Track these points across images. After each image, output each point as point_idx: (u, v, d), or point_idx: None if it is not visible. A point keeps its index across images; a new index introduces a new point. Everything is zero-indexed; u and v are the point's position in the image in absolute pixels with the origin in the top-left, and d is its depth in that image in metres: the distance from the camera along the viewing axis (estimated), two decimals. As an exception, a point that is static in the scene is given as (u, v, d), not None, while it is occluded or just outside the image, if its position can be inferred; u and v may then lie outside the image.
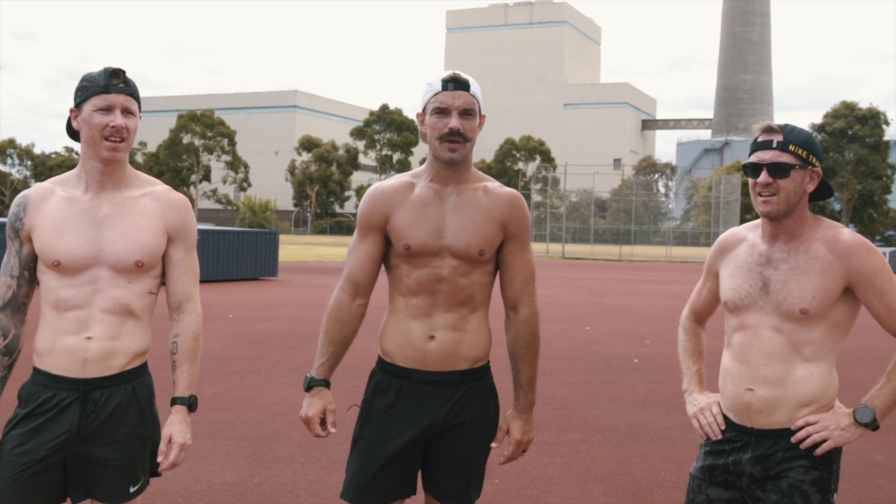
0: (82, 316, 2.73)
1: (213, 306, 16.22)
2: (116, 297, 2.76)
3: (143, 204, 2.85)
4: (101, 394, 2.76)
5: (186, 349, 2.91)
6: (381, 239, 2.96)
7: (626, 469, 6.07)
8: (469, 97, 2.85)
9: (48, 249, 2.74)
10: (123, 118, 2.75)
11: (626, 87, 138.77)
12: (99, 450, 2.75)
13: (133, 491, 2.83)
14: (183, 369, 2.89)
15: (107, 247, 2.75)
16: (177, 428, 2.83)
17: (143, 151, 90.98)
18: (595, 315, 17.02)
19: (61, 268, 2.73)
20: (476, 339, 2.97)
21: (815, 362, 2.69)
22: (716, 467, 2.83)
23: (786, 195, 2.68)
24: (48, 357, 2.76)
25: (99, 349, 2.74)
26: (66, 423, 2.71)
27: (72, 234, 2.74)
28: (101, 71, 2.77)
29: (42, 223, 2.76)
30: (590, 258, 54.22)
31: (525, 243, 3.02)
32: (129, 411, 2.81)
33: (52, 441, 2.70)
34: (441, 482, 2.96)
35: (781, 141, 2.69)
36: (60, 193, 2.81)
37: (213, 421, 7.07)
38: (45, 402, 2.72)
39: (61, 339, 2.74)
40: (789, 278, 2.69)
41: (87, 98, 2.74)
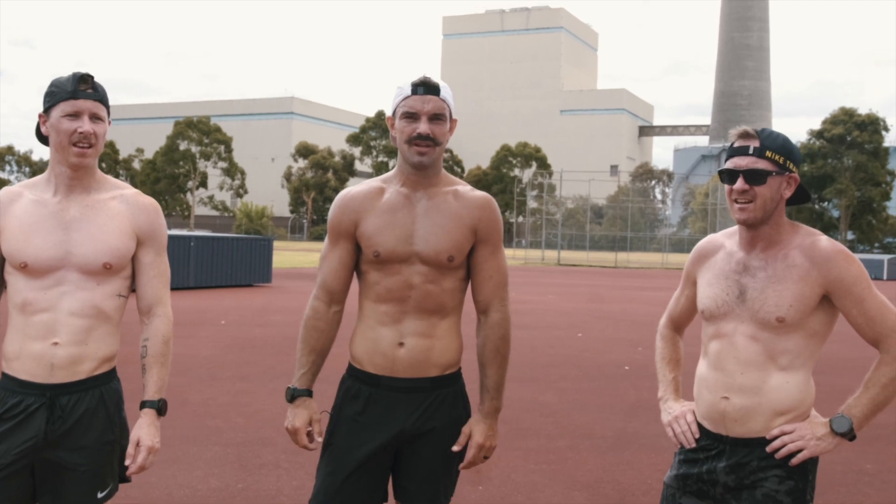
0: (49, 319, 2.72)
1: (206, 312, 16.20)
2: (84, 298, 2.75)
3: (111, 206, 2.84)
4: (69, 399, 2.74)
5: (156, 353, 2.89)
6: (352, 245, 2.95)
7: (613, 476, 6.05)
8: (439, 101, 2.83)
9: (15, 251, 2.73)
10: (91, 124, 2.74)
11: (623, 93, 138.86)
12: (66, 455, 2.74)
13: (101, 496, 2.81)
14: (152, 373, 2.87)
15: (74, 249, 2.74)
16: (145, 431, 2.81)
17: (140, 158, 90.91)
18: (589, 322, 17.02)
19: (28, 269, 2.72)
20: (446, 345, 2.93)
21: (792, 371, 2.67)
22: (690, 476, 2.81)
23: (763, 202, 2.65)
24: (16, 362, 2.75)
25: (66, 355, 2.73)
26: (33, 429, 2.70)
27: (40, 236, 2.73)
28: (70, 76, 2.76)
29: (10, 225, 2.75)
30: (585, 265, 54.20)
31: (497, 247, 2.98)
32: (97, 417, 2.79)
33: (18, 447, 2.68)
34: (411, 489, 2.94)
35: (758, 147, 2.66)
36: (29, 196, 2.80)
37: (200, 427, 7.04)
38: (12, 408, 2.71)
39: (28, 344, 2.73)
40: (766, 286, 2.67)
41: (55, 103, 2.74)
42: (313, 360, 2.97)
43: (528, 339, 13.83)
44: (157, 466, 5.85)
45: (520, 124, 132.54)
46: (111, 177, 2.95)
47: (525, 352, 12.25)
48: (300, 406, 2.94)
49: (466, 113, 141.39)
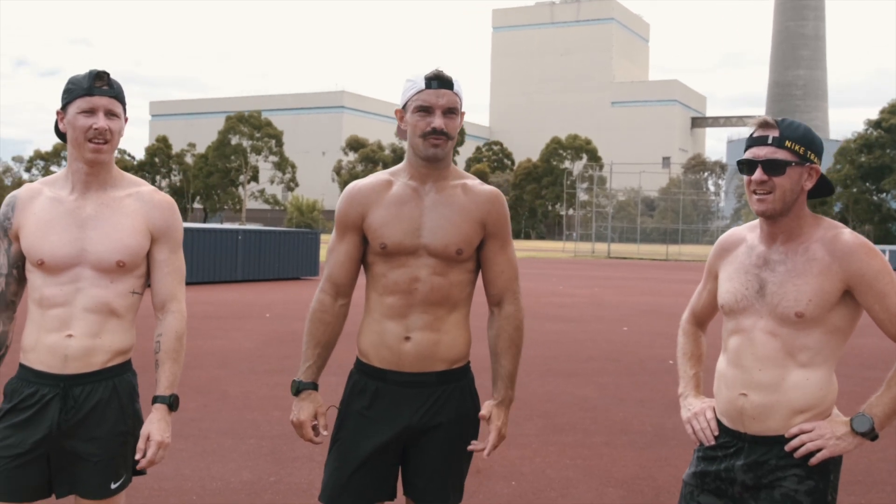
0: (64, 314, 2.76)
1: (251, 305, 16.33)
2: (98, 296, 2.78)
3: (126, 204, 2.86)
4: (82, 390, 2.78)
5: (169, 348, 2.91)
6: (359, 238, 2.93)
7: (649, 473, 5.96)
8: (452, 96, 2.81)
9: (33, 248, 2.78)
10: (106, 120, 2.75)
11: (675, 84, 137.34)
12: (80, 445, 2.78)
13: (115, 487, 2.85)
14: (165, 368, 2.89)
15: (89, 247, 2.78)
16: (155, 426, 2.82)
17: (192, 153, 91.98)
18: (635, 315, 16.85)
19: (45, 266, 2.76)
20: (453, 339, 2.90)
21: (812, 368, 2.58)
22: (708, 473, 2.74)
23: (782, 193, 2.57)
24: (32, 353, 2.79)
25: (79, 347, 2.77)
26: (48, 419, 2.75)
27: (56, 233, 2.77)
28: (86, 73, 2.78)
29: (28, 223, 2.80)
30: (636, 258, 53.79)
31: (506, 241, 2.96)
32: (110, 408, 2.82)
33: (34, 436, 2.73)
34: (419, 485, 2.90)
35: (777, 137, 2.58)
36: (48, 194, 2.84)
37: (237, 420, 7.09)
38: (27, 398, 2.76)
39: (44, 336, 2.77)
40: (785, 280, 2.59)
41: (71, 100, 2.77)
42: (319, 353, 2.95)
43: (570, 332, 13.74)
44: (191, 458, 5.91)
45: (570, 117, 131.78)
46: (128, 174, 2.97)
47: (567, 345, 12.17)
48: (305, 399, 2.93)
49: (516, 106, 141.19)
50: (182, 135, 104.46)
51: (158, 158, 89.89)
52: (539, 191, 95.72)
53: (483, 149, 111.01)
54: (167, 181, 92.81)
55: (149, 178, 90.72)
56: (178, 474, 5.59)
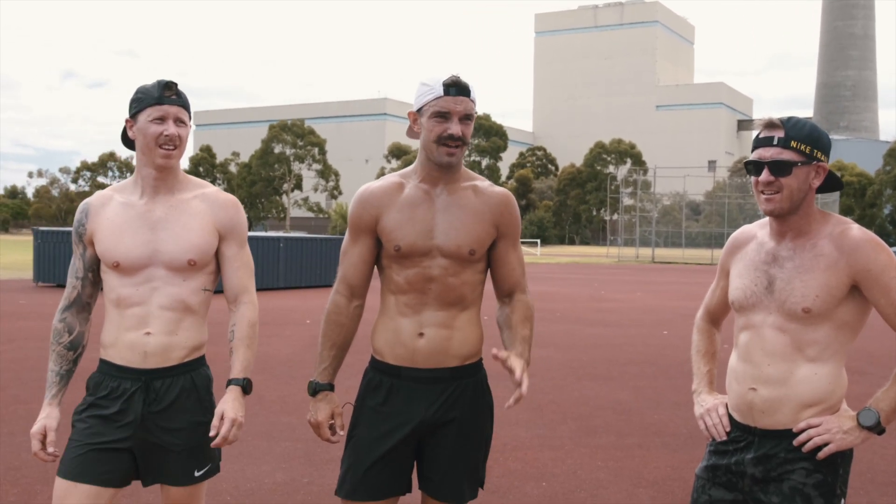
0: (141, 312, 2.91)
1: (292, 312, 16.50)
2: (173, 294, 2.93)
3: (194, 206, 3.00)
4: (162, 383, 2.93)
5: (242, 335, 3.03)
6: (373, 240, 2.99)
7: (680, 474, 5.95)
8: (469, 103, 2.86)
9: (108, 252, 2.93)
10: (176, 127, 2.90)
11: (721, 86, 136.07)
12: (163, 436, 2.91)
13: (199, 475, 2.97)
14: (238, 354, 3.01)
15: (161, 247, 2.92)
16: (229, 405, 2.90)
17: (235, 162, 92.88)
18: (676, 319, 16.74)
19: (120, 268, 2.92)
20: (466, 336, 2.95)
21: (820, 362, 2.60)
22: (719, 467, 2.77)
23: (789, 193, 2.59)
24: (112, 349, 2.95)
25: (158, 343, 2.92)
26: (132, 411, 2.89)
27: (128, 236, 2.92)
28: (155, 83, 2.93)
29: (102, 227, 2.96)
30: (681, 262, 53.37)
31: (516, 241, 3.04)
32: (189, 399, 2.96)
33: (120, 426, 2.88)
34: (434, 480, 2.95)
35: (783, 137, 2.59)
36: (118, 199, 3.00)
37: (273, 423, 7.19)
38: (112, 391, 2.92)
39: (123, 334, 2.93)
40: (793, 276, 2.61)
41: (141, 109, 2.90)
42: (334, 354, 3.03)
43: (609, 336, 13.71)
44: (226, 460, 5.97)
45: (614, 121, 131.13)
46: (193, 177, 3.11)
47: (604, 349, 12.15)
48: (322, 400, 2.99)
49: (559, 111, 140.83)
50: (226, 144, 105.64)
51: (203, 168, 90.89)
52: (583, 196, 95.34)
53: (526, 154, 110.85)
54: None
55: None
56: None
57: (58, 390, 2.98)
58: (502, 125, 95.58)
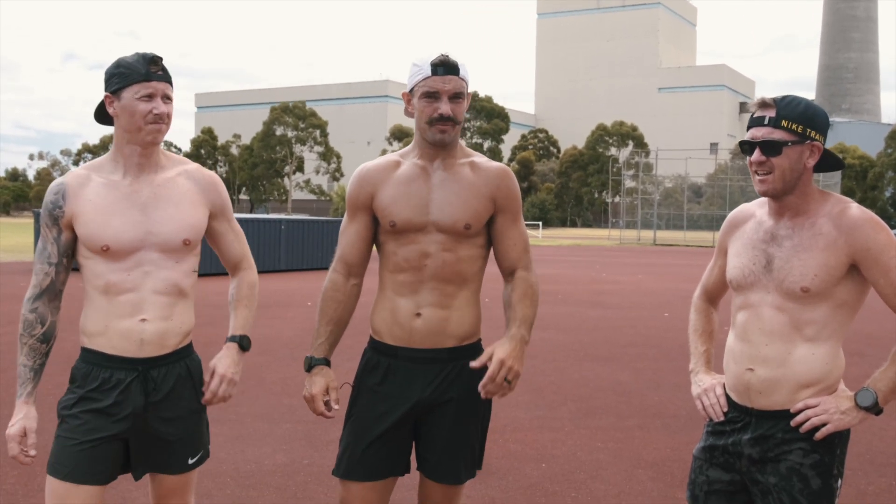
0: (135, 299, 2.79)
1: (293, 294, 16.50)
2: (166, 277, 2.83)
3: (180, 183, 2.91)
4: (159, 372, 2.83)
5: (242, 295, 3.04)
6: (369, 218, 2.99)
7: (680, 455, 5.96)
8: (459, 81, 2.84)
9: (95, 235, 2.77)
10: (164, 105, 2.79)
11: (723, 69, 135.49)
12: (160, 426, 2.83)
13: (192, 462, 2.92)
14: (238, 312, 3.01)
15: (154, 228, 2.81)
16: (222, 361, 2.89)
17: (237, 144, 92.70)
18: (676, 302, 16.74)
19: (110, 252, 2.77)
20: (464, 316, 2.95)
21: (818, 342, 2.59)
22: (716, 448, 2.76)
23: (781, 173, 2.58)
24: (101, 338, 2.81)
25: (154, 330, 2.81)
26: (131, 402, 2.78)
27: (117, 218, 2.78)
28: (138, 58, 2.78)
29: (85, 210, 2.79)
30: (682, 244, 53.34)
31: (517, 216, 3.00)
32: (186, 387, 2.89)
33: (117, 419, 2.77)
34: (431, 460, 2.95)
35: (773, 117, 2.58)
36: (98, 179, 2.84)
37: (274, 405, 7.21)
38: (104, 382, 2.78)
39: (115, 321, 2.79)
40: (792, 255, 2.59)
41: (126, 85, 2.75)
42: (331, 329, 3.02)
43: (610, 318, 13.72)
44: (227, 442, 6.02)
45: (616, 103, 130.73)
46: (169, 153, 3.01)
47: (605, 331, 12.16)
48: (317, 374, 2.98)
49: (562, 93, 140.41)
50: (227, 126, 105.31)
51: (204, 150, 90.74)
52: (585, 178, 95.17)
53: (528, 136, 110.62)
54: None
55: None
56: (213, 457, 5.67)
57: (33, 387, 2.81)
58: (504, 107, 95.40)
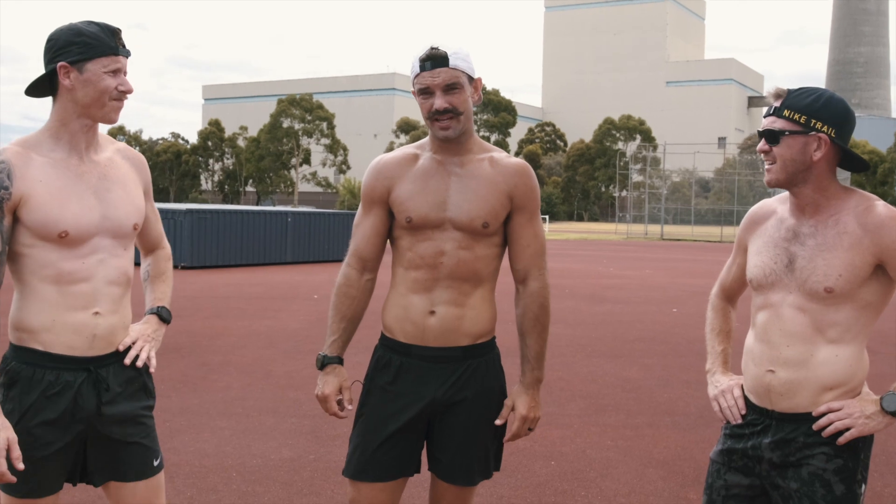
0: (88, 289, 2.59)
1: (299, 287, 16.46)
2: (117, 266, 2.66)
3: (119, 164, 2.75)
4: (109, 371, 2.65)
5: (160, 270, 3.00)
6: (385, 212, 2.91)
7: (691, 454, 5.89)
8: (450, 72, 2.74)
9: (51, 220, 2.52)
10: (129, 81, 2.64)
11: (732, 62, 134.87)
12: (116, 429, 2.66)
13: (157, 464, 2.76)
14: (156, 286, 2.96)
15: (108, 213, 2.64)
16: (142, 327, 2.81)
17: (244, 136, 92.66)
18: (684, 297, 16.66)
19: (67, 239, 2.54)
20: (479, 314, 2.87)
21: (841, 344, 2.51)
22: (735, 451, 2.68)
23: (782, 163, 2.52)
24: (46, 335, 2.57)
25: (107, 325, 2.63)
26: (82, 406, 2.59)
27: (74, 201, 2.57)
28: (101, 29, 2.57)
29: (36, 191, 2.52)
30: (689, 239, 53.20)
31: (534, 215, 2.91)
32: (137, 385, 2.74)
33: (67, 426, 2.58)
34: (443, 461, 2.89)
35: (777, 107, 2.55)
36: (40, 158, 2.57)
37: (280, 399, 7.15)
38: (50, 386, 2.56)
39: (64, 315, 2.57)
40: (815, 255, 2.51)
41: (91, 57, 2.53)
42: (344, 327, 2.95)
43: (618, 313, 13.63)
44: (232, 436, 5.96)
45: (623, 97, 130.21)
46: None
47: (613, 327, 12.08)
48: (330, 373, 2.93)
49: (569, 86, 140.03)
50: (234, 118, 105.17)
51: (211, 142, 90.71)
52: (592, 172, 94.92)
53: (535, 130, 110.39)
54: (220, 164, 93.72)
55: (202, 161, 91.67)
56: (220, 451, 5.66)
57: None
58: (511, 100, 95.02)
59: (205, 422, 6.34)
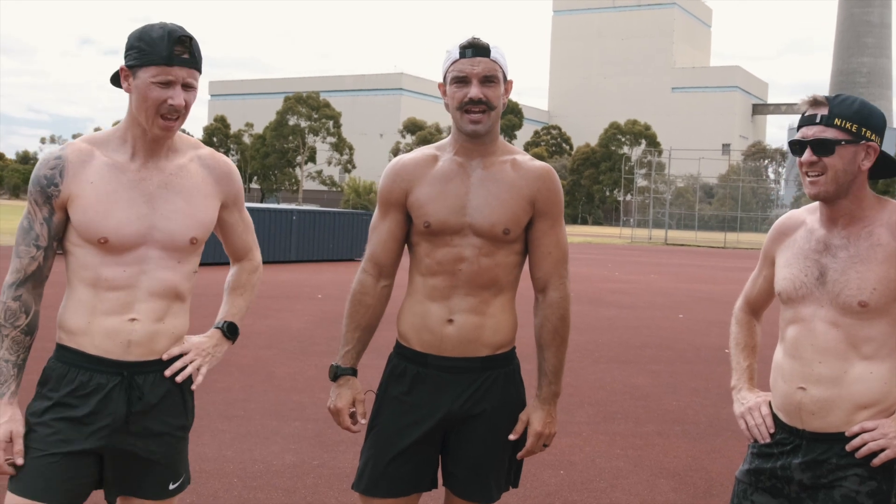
0: (126, 297, 2.49)
1: (303, 286, 16.36)
2: (164, 279, 2.53)
3: (193, 171, 2.60)
4: (145, 380, 2.52)
5: (240, 282, 2.85)
6: (403, 216, 2.79)
7: (702, 464, 5.78)
8: (490, 63, 2.65)
9: (93, 224, 2.45)
10: (184, 94, 2.44)
11: (737, 70, 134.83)
12: (140, 443, 2.52)
13: (173, 488, 2.61)
14: (231, 299, 2.83)
15: (160, 224, 2.51)
16: (200, 339, 2.70)
17: (249, 133, 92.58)
18: (690, 303, 16.54)
19: (108, 246, 2.45)
20: (498, 323, 2.75)
21: (876, 361, 2.40)
22: (763, 471, 2.57)
23: (834, 174, 2.40)
24: (83, 337, 2.49)
25: (144, 331, 2.51)
26: (110, 411, 2.46)
27: (121, 208, 2.46)
28: (163, 34, 2.39)
29: (85, 193, 2.45)
30: (693, 245, 53.07)
31: (556, 221, 2.78)
32: (174, 401, 2.59)
33: (92, 430, 2.46)
34: (459, 476, 2.76)
35: (826, 115, 2.41)
36: (102, 158, 2.49)
37: (283, 401, 7.05)
38: (81, 386, 2.47)
39: (100, 318, 2.48)
40: (848, 267, 2.41)
41: (143, 65, 2.40)
42: (358, 336, 2.83)
43: (624, 318, 13.52)
44: (234, 440, 5.86)
45: (629, 102, 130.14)
46: (181, 133, 2.66)
47: (620, 332, 11.97)
48: (343, 385, 2.81)
49: (575, 90, 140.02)
50: (240, 115, 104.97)
51: (216, 138, 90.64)
52: (597, 176, 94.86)
53: (541, 133, 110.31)
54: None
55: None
56: (220, 456, 5.55)
57: (17, 386, 2.48)
58: (518, 103, 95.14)
59: (205, 425, 6.22)
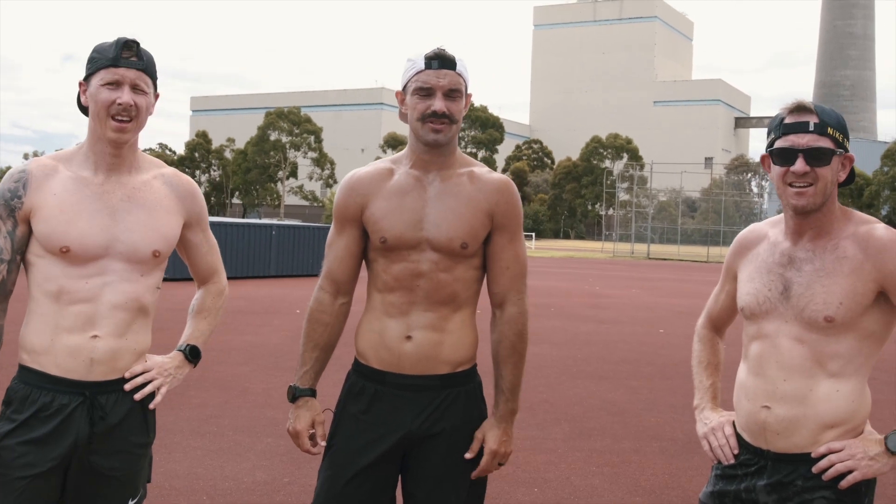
0: (88, 311, 2.49)
1: (282, 301, 16.27)
2: (128, 291, 2.54)
3: (156, 188, 2.65)
4: (108, 399, 2.53)
5: (205, 305, 2.89)
6: (359, 231, 2.73)
7: (678, 482, 5.73)
8: (455, 76, 2.61)
9: (56, 234, 2.47)
10: (132, 95, 2.49)
11: (719, 83, 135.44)
12: (102, 460, 2.52)
13: (132, 503, 2.62)
14: (195, 323, 2.87)
15: (122, 236, 2.53)
16: (162, 359, 2.70)
17: (231, 148, 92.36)
18: (671, 318, 16.52)
19: (70, 255, 2.47)
20: (458, 340, 2.69)
21: (843, 378, 2.35)
22: (727, 493, 2.51)
23: (824, 185, 2.34)
24: (45, 356, 2.50)
25: (106, 349, 2.51)
26: (73, 432, 2.47)
27: (83, 219, 2.49)
28: (113, 42, 2.50)
29: (48, 204, 2.49)
30: (676, 259, 53.18)
31: (515, 235, 2.73)
32: (136, 419, 2.60)
33: (56, 451, 2.46)
34: (419, 497, 2.69)
35: (819, 123, 2.34)
36: (66, 173, 2.54)
37: (257, 417, 6.96)
38: (44, 408, 2.47)
39: (62, 336, 2.49)
40: (813, 281, 2.35)
41: (95, 70, 2.50)
42: (317, 356, 2.78)
43: (604, 333, 13.48)
44: (205, 456, 5.77)
45: (611, 115, 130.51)
46: (147, 154, 2.73)
47: (599, 347, 11.93)
48: (302, 407, 2.75)
49: (557, 104, 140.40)
50: (222, 130, 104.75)
51: (198, 153, 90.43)
52: (579, 190, 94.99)
53: (523, 147, 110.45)
54: (207, 176, 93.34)
55: (189, 172, 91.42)
56: (191, 473, 5.46)
57: None
58: (499, 117, 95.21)
59: (177, 441, 6.14)
